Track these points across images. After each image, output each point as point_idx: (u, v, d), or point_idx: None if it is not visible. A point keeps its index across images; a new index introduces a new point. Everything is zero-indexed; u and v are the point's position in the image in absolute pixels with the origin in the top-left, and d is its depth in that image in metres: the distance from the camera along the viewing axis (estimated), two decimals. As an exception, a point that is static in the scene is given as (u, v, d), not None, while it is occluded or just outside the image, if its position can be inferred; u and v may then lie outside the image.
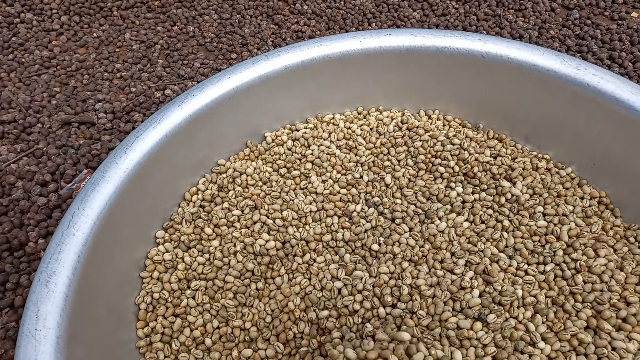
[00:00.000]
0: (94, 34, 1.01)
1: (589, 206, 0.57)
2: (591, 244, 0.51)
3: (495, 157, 0.61)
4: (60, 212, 0.69)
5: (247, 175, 0.61)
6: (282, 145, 0.64)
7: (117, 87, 0.88)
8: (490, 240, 0.53)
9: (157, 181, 0.54)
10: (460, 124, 0.68)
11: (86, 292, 0.43)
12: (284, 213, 0.56)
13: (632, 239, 0.54)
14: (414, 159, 0.62)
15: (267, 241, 0.54)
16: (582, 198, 0.58)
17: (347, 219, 0.56)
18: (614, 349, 0.44)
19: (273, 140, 0.65)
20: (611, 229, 0.55)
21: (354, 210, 0.57)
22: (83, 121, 0.82)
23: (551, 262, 0.51)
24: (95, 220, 0.46)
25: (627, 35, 0.92)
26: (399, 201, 0.58)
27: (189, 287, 0.53)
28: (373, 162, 0.63)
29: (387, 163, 0.62)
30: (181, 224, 0.57)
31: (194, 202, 0.59)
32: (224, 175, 0.61)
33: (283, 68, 0.61)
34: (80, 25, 1.03)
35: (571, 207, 0.56)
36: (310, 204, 0.58)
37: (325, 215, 0.57)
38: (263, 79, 0.60)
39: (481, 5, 1.02)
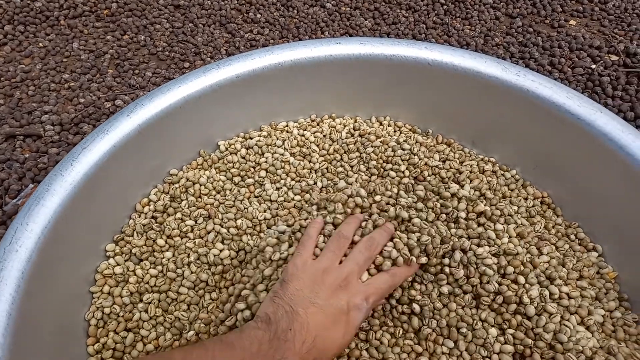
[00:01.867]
0: (40, 44, 0.98)
1: (532, 206, 0.59)
2: (535, 242, 0.54)
3: (444, 161, 0.63)
4: (4, 229, 0.66)
5: (200, 185, 0.60)
6: (236, 154, 0.64)
7: (65, 98, 0.86)
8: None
9: (106, 193, 0.53)
10: (410, 130, 0.70)
11: (32, 310, 0.42)
12: (238, 222, 0.56)
13: (572, 237, 0.57)
14: (366, 164, 0.63)
15: (221, 250, 0.54)
16: (525, 199, 0.60)
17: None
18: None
19: (227, 149, 0.65)
20: (553, 227, 0.58)
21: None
22: (29, 134, 0.79)
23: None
24: (40, 235, 0.45)
25: (566, 42, 0.96)
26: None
27: (141, 301, 0.52)
28: (327, 168, 0.63)
29: (340, 169, 0.63)
30: (132, 236, 0.56)
31: (146, 214, 0.58)
32: (177, 185, 0.60)
33: (235, 77, 0.61)
34: (26, 35, 1.00)
35: (516, 208, 0.58)
36: (265, 211, 0.58)
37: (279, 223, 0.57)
38: (215, 87, 0.60)
39: (430, 14, 1.05)
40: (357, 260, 0.44)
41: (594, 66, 0.91)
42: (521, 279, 0.48)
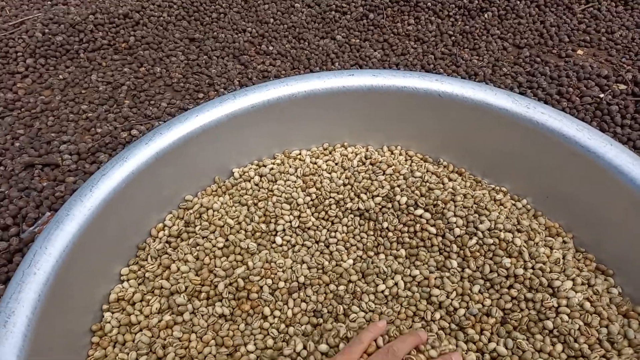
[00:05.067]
0: (60, 76, 1.01)
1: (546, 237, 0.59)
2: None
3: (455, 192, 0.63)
4: (21, 256, 0.67)
5: (214, 211, 0.61)
6: (250, 181, 0.65)
7: (83, 128, 0.88)
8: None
9: (123, 218, 0.54)
10: (421, 159, 0.70)
11: (46, 331, 0.43)
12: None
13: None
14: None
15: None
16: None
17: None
18: None
19: (240, 176, 0.66)
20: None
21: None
22: (47, 163, 0.81)
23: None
24: (58, 259, 0.46)
25: (573, 72, 0.98)
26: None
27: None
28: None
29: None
30: (146, 260, 0.56)
31: (160, 238, 0.59)
32: (191, 211, 0.61)
33: (250, 107, 0.63)
34: (46, 67, 1.03)
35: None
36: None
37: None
38: (230, 117, 0.62)
39: (438, 45, 1.08)
40: None
41: (602, 95, 0.92)
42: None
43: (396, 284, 0.54)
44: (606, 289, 0.54)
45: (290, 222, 0.61)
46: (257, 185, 0.65)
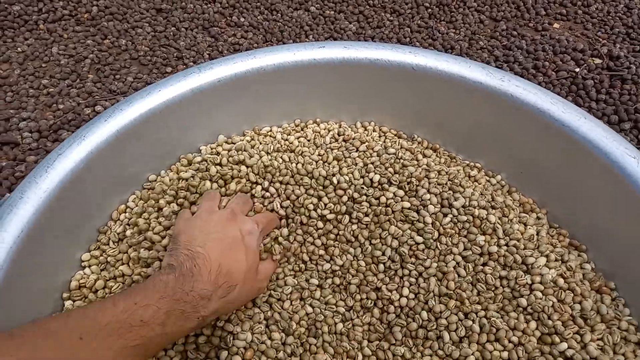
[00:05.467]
0: (19, 49, 0.96)
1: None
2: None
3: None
4: (-21, 238, 0.64)
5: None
6: (218, 156, 0.63)
7: (44, 104, 0.84)
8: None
9: (82, 200, 0.52)
10: (395, 135, 0.69)
11: (3, 323, 0.41)
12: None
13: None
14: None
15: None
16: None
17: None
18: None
19: (208, 154, 0.63)
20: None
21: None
22: (6, 141, 0.77)
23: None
24: (12, 245, 0.43)
25: (550, 46, 0.97)
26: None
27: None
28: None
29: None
30: (108, 244, 0.54)
31: (122, 221, 0.56)
32: (154, 191, 0.59)
33: (216, 81, 0.60)
34: (3, 39, 0.98)
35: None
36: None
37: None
38: (196, 91, 0.59)
39: (414, 17, 1.05)
40: (236, 202, 0.52)
41: (577, 69, 0.91)
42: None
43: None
44: (579, 265, 0.54)
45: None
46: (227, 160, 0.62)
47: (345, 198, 0.57)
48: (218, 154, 0.63)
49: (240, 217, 0.49)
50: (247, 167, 0.58)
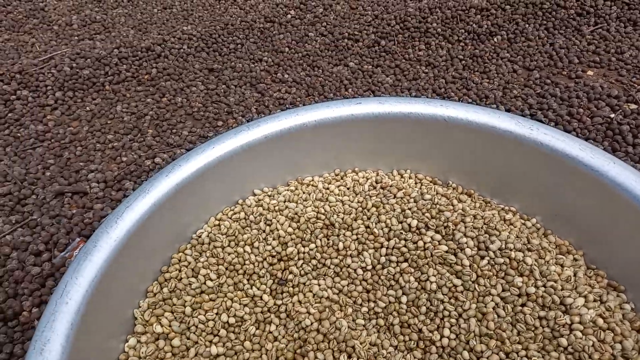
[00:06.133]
0: (87, 108, 1.07)
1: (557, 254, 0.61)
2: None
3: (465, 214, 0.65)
4: (53, 280, 0.71)
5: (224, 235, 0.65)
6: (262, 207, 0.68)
7: (109, 157, 0.93)
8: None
9: (146, 248, 0.58)
10: (431, 182, 0.73)
11: (78, 358, 0.46)
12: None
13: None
14: None
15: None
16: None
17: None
18: None
19: (255, 203, 0.69)
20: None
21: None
22: (76, 191, 0.86)
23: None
24: (87, 289, 0.49)
25: (584, 93, 0.99)
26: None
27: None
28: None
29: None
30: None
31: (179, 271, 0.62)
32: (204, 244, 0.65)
33: (263, 137, 0.66)
34: (74, 99, 1.09)
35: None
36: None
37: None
38: (245, 147, 0.65)
39: (449, 69, 1.10)
40: None
41: (613, 115, 0.93)
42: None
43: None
44: (619, 305, 0.55)
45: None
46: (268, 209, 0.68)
47: (383, 250, 0.61)
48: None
49: None
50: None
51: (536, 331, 0.52)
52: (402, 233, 0.62)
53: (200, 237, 0.65)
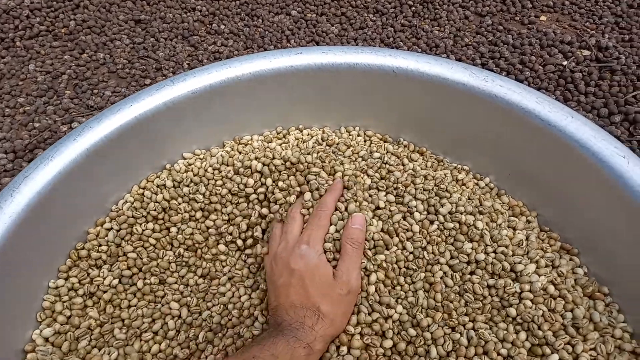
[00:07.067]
0: (-6, 67, 0.94)
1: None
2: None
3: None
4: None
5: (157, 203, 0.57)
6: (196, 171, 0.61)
7: (19, 123, 0.82)
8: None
9: (53, 223, 0.50)
10: (381, 139, 0.67)
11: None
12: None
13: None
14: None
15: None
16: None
17: None
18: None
19: (185, 167, 0.61)
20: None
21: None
22: (-20, 162, 0.75)
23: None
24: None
25: (536, 39, 0.95)
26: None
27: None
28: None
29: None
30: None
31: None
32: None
33: (190, 93, 0.58)
34: (-22, 58, 0.96)
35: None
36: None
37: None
38: (169, 105, 0.57)
39: (398, 16, 1.03)
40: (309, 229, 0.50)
41: (565, 62, 0.90)
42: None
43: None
44: (571, 270, 0.52)
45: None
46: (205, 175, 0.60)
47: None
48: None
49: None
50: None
51: (484, 301, 0.48)
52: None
53: (120, 208, 0.57)
